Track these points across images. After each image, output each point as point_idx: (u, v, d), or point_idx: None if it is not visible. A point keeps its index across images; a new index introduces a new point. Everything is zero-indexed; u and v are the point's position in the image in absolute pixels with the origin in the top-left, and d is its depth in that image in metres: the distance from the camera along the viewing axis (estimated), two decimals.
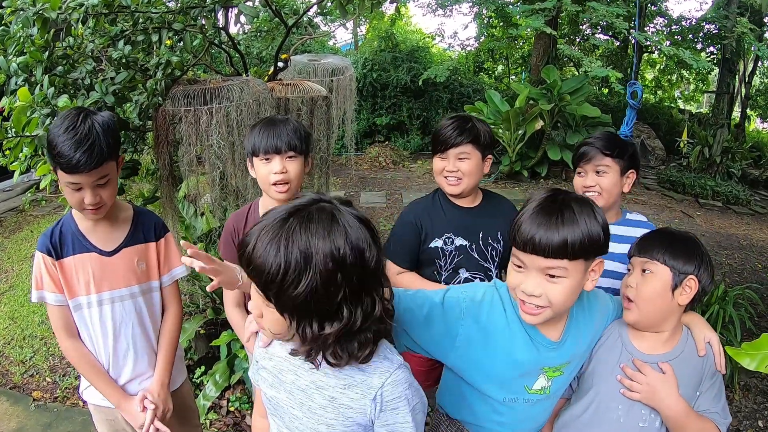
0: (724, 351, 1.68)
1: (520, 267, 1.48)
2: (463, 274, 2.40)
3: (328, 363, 1.27)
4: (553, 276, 1.44)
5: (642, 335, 1.74)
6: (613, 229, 1.82)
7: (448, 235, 2.37)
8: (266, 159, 2.12)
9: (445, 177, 2.34)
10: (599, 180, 2.23)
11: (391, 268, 2.46)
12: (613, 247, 1.82)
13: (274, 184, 2.12)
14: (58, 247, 1.95)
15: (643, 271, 1.71)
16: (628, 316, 1.72)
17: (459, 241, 2.37)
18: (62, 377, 3.83)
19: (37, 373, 3.91)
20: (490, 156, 2.40)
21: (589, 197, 2.20)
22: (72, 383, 3.74)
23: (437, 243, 2.37)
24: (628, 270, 1.79)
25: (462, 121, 2.32)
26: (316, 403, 1.36)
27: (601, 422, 1.74)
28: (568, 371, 1.70)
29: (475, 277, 2.41)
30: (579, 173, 2.31)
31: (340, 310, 1.18)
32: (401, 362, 1.37)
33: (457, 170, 2.30)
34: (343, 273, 1.14)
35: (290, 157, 2.14)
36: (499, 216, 2.43)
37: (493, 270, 2.44)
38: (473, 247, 2.38)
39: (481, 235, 2.39)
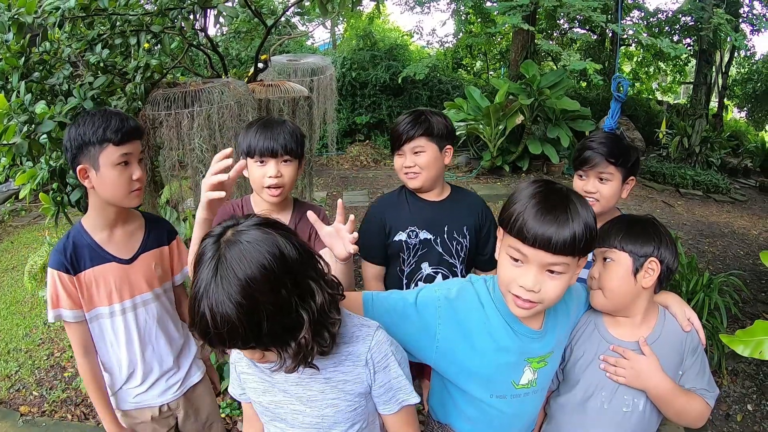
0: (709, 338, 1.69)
1: (518, 261, 1.45)
2: (426, 269, 2.37)
3: (321, 354, 1.32)
4: (553, 272, 1.42)
5: (617, 322, 1.75)
6: None
7: (412, 228, 2.35)
8: (261, 161, 2.08)
9: (405, 173, 2.33)
10: (601, 187, 2.20)
11: (365, 269, 2.49)
12: None
13: (268, 187, 2.09)
14: (74, 262, 1.95)
15: (605, 260, 1.71)
16: (595, 301, 1.73)
17: (423, 235, 2.35)
18: (49, 390, 3.77)
19: (23, 388, 3.84)
20: (449, 147, 2.37)
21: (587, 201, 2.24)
22: (59, 396, 3.68)
23: (401, 236, 2.35)
24: (592, 261, 1.78)
25: (414, 116, 2.30)
26: (314, 390, 1.42)
27: (587, 410, 1.76)
28: (552, 361, 1.69)
29: (438, 272, 2.38)
30: (580, 176, 2.27)
31: (299, 316, 1.22)
32: (377, 324, 1.46)
33: (414, 165, 2.29)
34: (280, 285, 1.18)
35: (285, 161, 2.10)
36: (465, 210, 2.41)
37: (458, 266, 2.40)
38: (437, 240, 2.36)
39: (446, 229, 2.36)
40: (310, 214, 1.77)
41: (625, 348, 1.70)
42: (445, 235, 2.36)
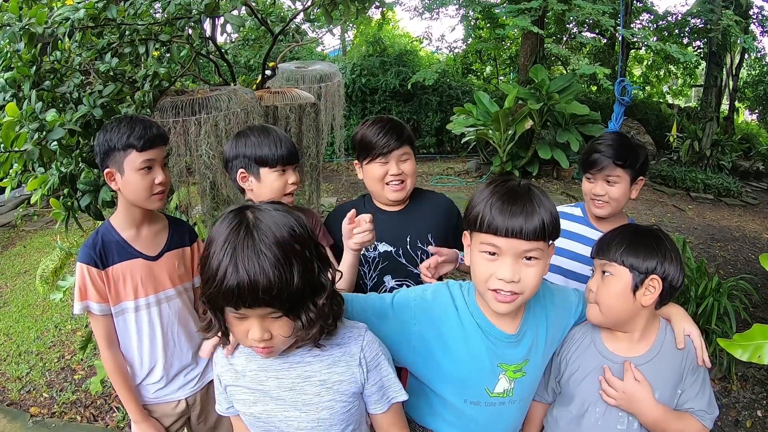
0: (717, 343, 1.64)
1: (494, 254, 1.46)
2: (389, 282, 2.28)
3: (329, 332, 1.39)
4: (530, 258, 1.45)
5: (615, 337, 1.69)
6: None
7: None
8: (282, 170, 2.11)
9: (388, 183, 2.20)
10: (609, 189, 2.18)
11: None
12: None
13: (288, 194, 2.13)
14: (103, 257, 2.03)
15: (603, 273, 1.64)
16: (591, 316, 1.68)
17: (383, 247, 2.26)
18: (59, 392, 3.82)
19: (34, 389, 3.89)
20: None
21: (596, 204, 2.22)
22: (69, 398, 3.73)
23: None
24: (592, 271, 1.73)
25: (391, 122, 2.20)
26: (309, 394, 1.43)
27: (580, 425, 1.72)
28: (531, 371, 1.67)
29: (403, 284, 2.27)
30: (588, 179, 2.26)
31: (321, 280, 1.30)
32: (365, 326, 1.51)
33: (401, 173, 2.19)
34: (306, 247, 1.26)
35: (296, 166, 2.16)
36: (428, 216, 2.30)
37: None
38: (400, 252, 2.25)
39: (408, 240, 2.25)
40: None
41: (626, 368, 1.64)
42: (408, 246, 2.26)
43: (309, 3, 3.45)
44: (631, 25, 11.01)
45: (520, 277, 1.45)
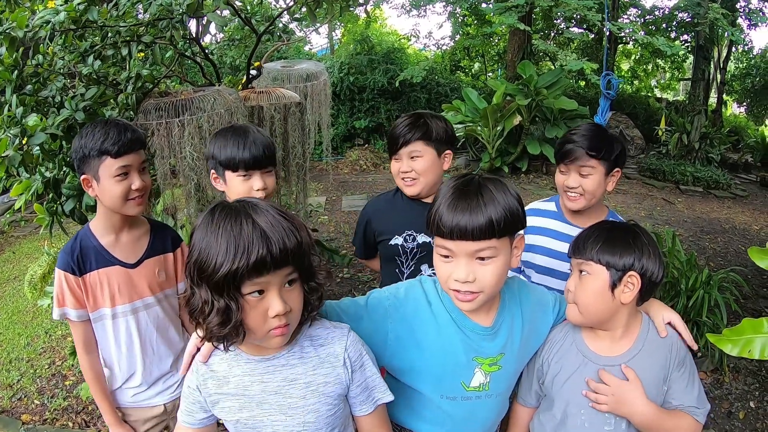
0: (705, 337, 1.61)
1: (447, 257, 1.47)
2: (426, 270, 2.31)
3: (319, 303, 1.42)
4: (483, 258, 1.43)
5: (597, 336, 1.66)
6: None
7: (409, 233, 2.30)
8: (246, 175, 2.02)
9: (402, 179, 2.26)
10: (582, 182, 2.13)
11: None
12: None
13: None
14: (80, 263, 2.01)
15: (580, 272, 1.61)
16: (570, 316, 1.65)
17: (422, 238, 2.29)
18: (50, 399, 3.79)
19: (25, 396, 3.86)
20: (449, 152, 2.30)
21: (570, 197, 2.18)
22: (61, 404, 3.70)
23: (397, 240, 2.30)
24: (570, 270, 1.69)
25: (412, 119, 2.23)
26: (295, 397, 1.41)
27: (567, 428, 1.68)
28: (507, 365, 1.65)
29: None
30: (561, 171, 2.21)
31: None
32: (348, 326, 1.50)
33: (411, 170, 2.22)
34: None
35: (268, 171, 2.07)
36: None
37: None
38: None
39: None
40: None
41: (607, 373, 1.60)
42: None
43: (291, 2, 3.43)
44: (619, 20, 11.04)
45: (476, 277, 1.44)
